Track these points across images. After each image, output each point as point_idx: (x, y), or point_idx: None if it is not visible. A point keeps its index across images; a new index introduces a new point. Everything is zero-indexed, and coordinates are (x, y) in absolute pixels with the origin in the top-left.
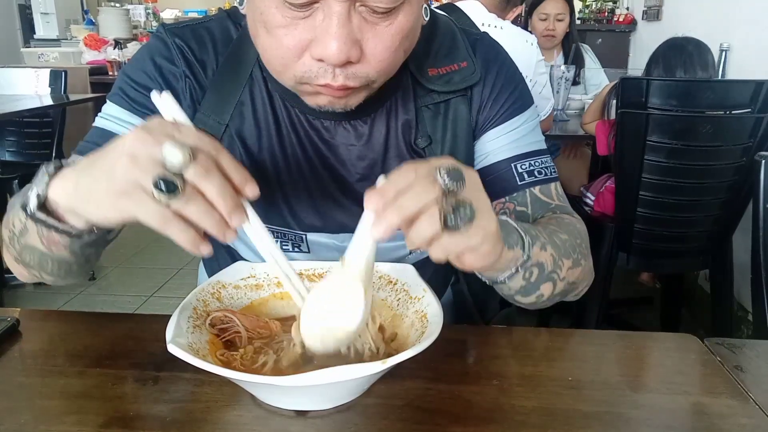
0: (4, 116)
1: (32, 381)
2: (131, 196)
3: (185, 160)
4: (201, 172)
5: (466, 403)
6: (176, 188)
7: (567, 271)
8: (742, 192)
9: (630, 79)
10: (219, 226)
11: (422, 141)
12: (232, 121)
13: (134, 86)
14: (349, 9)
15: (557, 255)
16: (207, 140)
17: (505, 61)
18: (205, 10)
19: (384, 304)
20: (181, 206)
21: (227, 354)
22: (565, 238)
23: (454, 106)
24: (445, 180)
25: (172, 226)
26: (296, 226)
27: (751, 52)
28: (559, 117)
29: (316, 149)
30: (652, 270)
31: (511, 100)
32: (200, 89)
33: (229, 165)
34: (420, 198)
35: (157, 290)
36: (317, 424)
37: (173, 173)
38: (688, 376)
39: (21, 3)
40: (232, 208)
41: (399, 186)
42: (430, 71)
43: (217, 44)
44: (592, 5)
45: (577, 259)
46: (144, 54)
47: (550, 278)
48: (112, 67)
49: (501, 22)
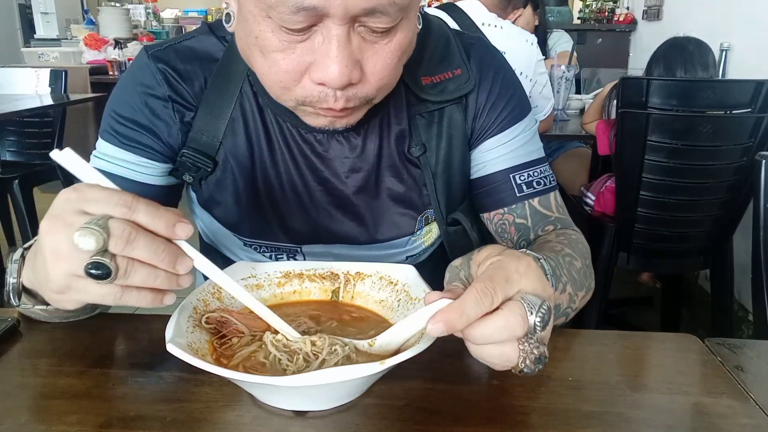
0: (5, 116)
1: (32, 381)
2: (73, 288)
3: (99, 241)
4: (122, 243)
5: (466, 403)
6: (109, 269)
7: (579, 302)
8: (742, 192)
9: (630, 79)
10: (169, 280)
11: (416, 150)
12: (225, 138)
13: (121, 120)
14: (348, 31)
15: (574, 291)
16: (117, 198)
17: (501, 66)
18: (205, 9)
19: (384, 304)
20: (124, 280)
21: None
22: (579, 266)
23: (449, 113)
24: (536, 323)
25: (127, 298)
26: (290, 240)
27: (752, 52)
28: (559, 117)
29: (309, 163)
30: (653, 270)
31: (508, 108)
32: (189, 109)
33: (148, 218)
34: (503, 334)
35: None
36: (317, 425)
37: (100, 253)
38: (688, 376)
39: (21, 3)
40: (171, 261)
41: (481, 308)
42: (423, 80)
43: (203, 61)
44: (592, 5)
45: (589, 286)
46: (126, 83)
47: (564, 314)
48: (112, 66)
49: (501, 21)
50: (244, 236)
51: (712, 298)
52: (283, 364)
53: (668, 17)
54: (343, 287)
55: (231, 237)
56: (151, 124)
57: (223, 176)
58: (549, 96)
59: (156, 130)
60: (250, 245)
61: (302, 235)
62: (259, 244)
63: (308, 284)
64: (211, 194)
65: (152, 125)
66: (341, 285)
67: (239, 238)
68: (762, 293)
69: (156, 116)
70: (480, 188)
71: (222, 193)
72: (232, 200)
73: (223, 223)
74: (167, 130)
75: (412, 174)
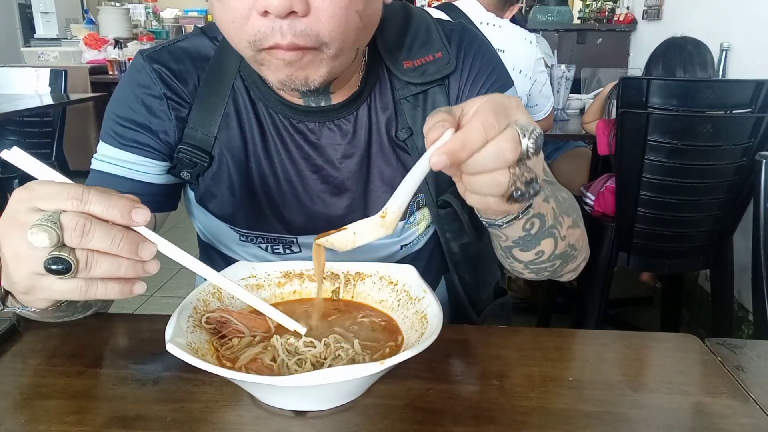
0: (4, 115)
1: (32, 381)
2: (37, 287)
3: (53, 237)
4: (78, 236)
5: (466, 403)
6: (69, 263)
7: (567, 230)
8: (742, 192)
9: (630, 79)
10: (134, 267)
11: (403, 133)
12: (219, 132)
13: (120, 121)
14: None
15: (558, 210)
16: (68, 192)
17: (480, 45)
18: (205, 9)
19: (384, 304)
20: (86, 273)
21: (226, 349)
22: (565, 196)
23: (432, 96)
24: (528, 146)
25: (93, 290)
26: (286, 231)
27: (751, 52)
28: (559, 117)
29: (302, 152)
30: (653, 270)
31: (489, 82)
32: (184, 106)
33: (101, 207)
34: (498, 159)
35: (157, 290)
36: (317, 425)
37: (58, 248)
38: (688, 376)
39: (21, 2)
40: (132, 249)
41: (479, 135)
42: (405, 63)
43: (196, 60)
44: (592, 5)
45: (576, 220)
46: (124, 86)
47: (550, 233)
48: (112, 66)
49: (499, 20)
50: (241, 228)
51: (712, 298)
52: (291, 369)
53: (668, 17)
54: (343, 287)
55: (227, 231)
56: (148, 122)
57: (219, 170)
58: (549, 95)
59: (153, 128)
60: (246, 237)
61: (298, 224)
62: (255, 236)
63: (308, 284)
64: (207, 188)
65: (149, 123)
66: (341, 285)
67: (235, 231)
68: (762, 293)
69: (153, 114)
70: None
71: (218, 187)
72: (228, 193)
73: (219, 217)
74: (164, 127)
75: (401, 158)
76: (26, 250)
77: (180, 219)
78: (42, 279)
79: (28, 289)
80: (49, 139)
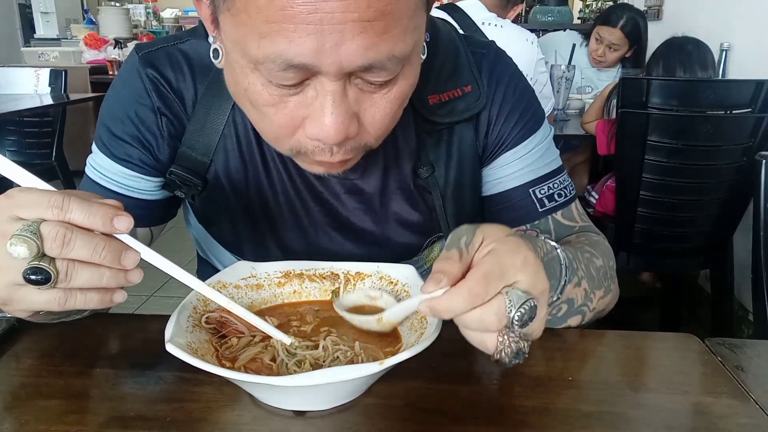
0: (4, 116)
1: (32, 381)
2: (15, 298)
3: (32, 247)
4: (58, 246)
5: (466, 403)
6: (49, 273)
7: (597, 302)
8: (742, 192)
9: (630, 79)
10: (116, 277)
11: (424, 171)
12: (216, 155)
13: (112, 131)
14: (344, 85)
15: (590, 288)
16: (48, 200)
17: (513, 76)
18: None
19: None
20: (66, 283)
21: (226, 349)
22: (599, 264)
23: (459, 132)
24: (513, 319)
25: (73, 301)
26: (286, 259)
27: (752, 52)
28: (559, 117)
29: (306, 182)
30: (653, 270)
31: (522, 120)
32: (178, 122)
33: (82, 215)
34: (482, 326)
35: (157, 290)
36: (317, 424)
37: (37, 258)
38: (688, 376)
39: (21, 2)
40: (114, 257)
41: (464, 302)
42: (431, 99)
43: (195, 71)
44: (592, 5)
45: (608, 287)
46: (118, 89)
47: (579, 312)
48: (112, 66)
49: (501, 21)
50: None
51: (712, 298)
52: (290, 369)
53: (668, 17)
54: (343, 287)
55: (229, 255)
56: (140, 136)
57: (214, 195)
58: (549, 95)
59: (145, 143)
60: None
61: (298, 254)
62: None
63: (308, 284)
64: (204, 211)
65: (141, 137)
66: (341, 285)
67: (238, 259)
68: (762, 293)
69: (145, 128)
70: (497, 205)
71: (216, 213)
72: (227, 221)
73: (221, 243)
74: (156, 143)
75: (422, 197)
76: (5, 261)
77: (180, 219)
78: (20, 290)
79: (7, 300)
80: (49, 139)
